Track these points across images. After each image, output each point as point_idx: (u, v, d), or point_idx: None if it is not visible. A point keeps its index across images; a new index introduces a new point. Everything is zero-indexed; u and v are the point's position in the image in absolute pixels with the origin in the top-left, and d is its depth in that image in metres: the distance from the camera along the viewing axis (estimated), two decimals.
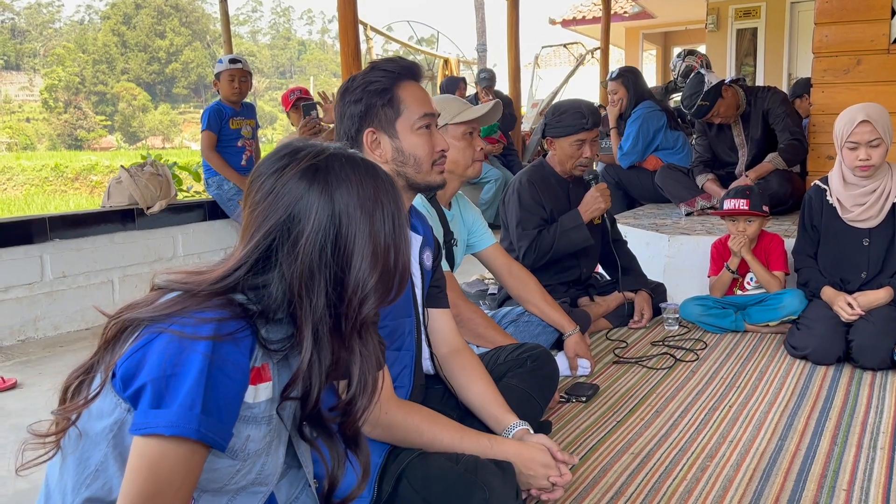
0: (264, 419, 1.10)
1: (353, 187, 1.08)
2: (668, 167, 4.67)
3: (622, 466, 1.99)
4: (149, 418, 0.97)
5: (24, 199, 16.04)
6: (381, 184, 1.12)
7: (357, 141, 1.69)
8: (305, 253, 1.05)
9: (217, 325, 1.00)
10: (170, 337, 0.99)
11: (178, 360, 0.97)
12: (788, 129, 4.07)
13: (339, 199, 1.07)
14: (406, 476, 1.57)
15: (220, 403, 1.00)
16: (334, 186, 1.08)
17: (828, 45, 3.95)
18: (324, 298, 1.06)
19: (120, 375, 1.01)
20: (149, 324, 1.02)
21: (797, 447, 2.07)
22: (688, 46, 8.93)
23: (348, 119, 1.68)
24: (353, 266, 1.07)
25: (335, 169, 1.09)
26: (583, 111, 3.00)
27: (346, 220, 1.07)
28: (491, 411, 1.81)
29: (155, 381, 0.98)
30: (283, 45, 57.15)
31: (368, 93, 1.65)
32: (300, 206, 1.06)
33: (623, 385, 2.61)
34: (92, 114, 42.84)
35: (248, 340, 1.04)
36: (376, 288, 1.09)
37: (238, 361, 1.02)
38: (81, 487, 1.06)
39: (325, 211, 1.06)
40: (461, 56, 14.80)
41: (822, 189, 2.95)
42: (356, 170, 1.11)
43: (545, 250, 3.02)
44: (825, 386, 2.54)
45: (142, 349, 1.00)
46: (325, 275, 1.06)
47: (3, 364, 3.31)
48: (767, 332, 3.11)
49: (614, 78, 5.20)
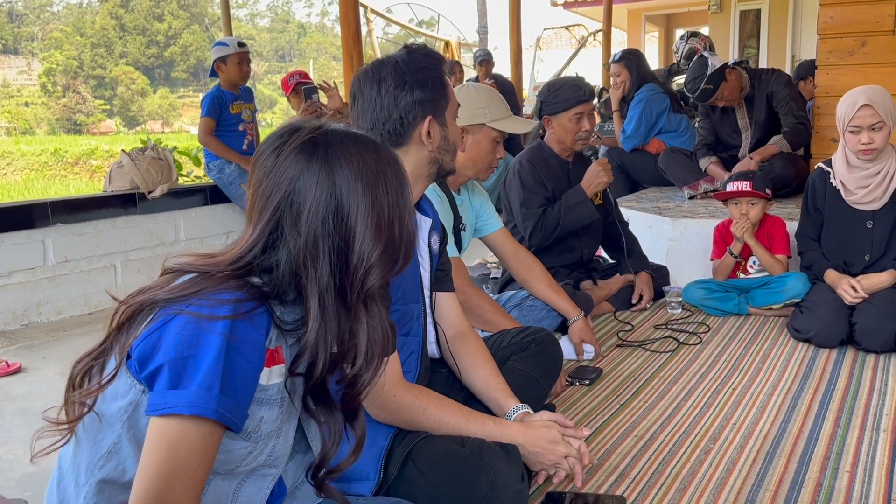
0: (277, 401, 1.11)
1: (354, 160, 1.09)
2: (672, 150, 4.66)
3: (626, 449, 2.00)
4: (167, 399, 0.98)
5: (23, 184, 16.00)
6: (383, 157, 1.13)
7: (411, 126, 1.66)
8: (308, 226, 1.06)
9: (234, 306, 1.01)
10: (187, 318, 0.99)
11: (196, 341, 0.98)
12: (793, 113, 4.05)
13: (339, 172, 1.08)
14: (412, 458, 1.58)
15: (237, 384, 1.01)
16: (334, 160, 1.08)
17: (833, 26, 3.93)
18: (328, 270, 1.07)
19: (136, 357, 1.02)
20: (164, 305, 1.02)
21: (800, 429, 2.08)
22: (690, 28, 8.88)
23: (408, 105, 1.64)
24: (357, 237, 1.08)
25: (334, 143, 1.10)
26: (578, 84, 3.02)
27: (347, 191, 1.08)
28: (493, 395, 1.83)
29: (172, 361, 0.98)
30: (282, 27, 56.79)
31: (432, 81, 1.66)
32: (301, 182, 1.07)
33: (626, 368, 2.61)
34: (91, 98, 42.67)
35: (263, 320, 1.04)
36: (381, 259, 1.09)
37: (255, 342, 1.03)
38: (95, 469, 1.06)
39: (325, 184, 1.07)
40: (462, 39, 14.71)
41: (825, 172, 2.94)
42: (356, 143, 1.12)
43: (551, 228, 3.02)
44: (828, 369, 2.55)
45: (158, 330, 1.00)
46: (328, 246, 1.07)
47: (7, 348, 3.32)
48: (770, 315, 3.12)
49: (617, 60, 5.17)
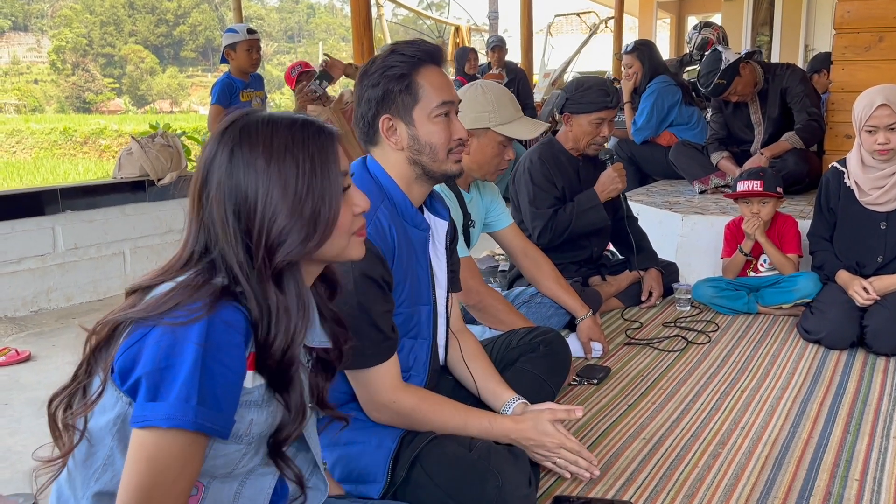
0: (264, 402, 1.11)
1: (259, 139, 1.10)
2: (683, 143, 4.63)
3: (633, 452, 1.99)
4: (146, 411, 0.99)
5: (32, 163, 16.05)
6: (300, 135, 1.12)
7: (373, 126, 1.65)
8: (214, 207, 1.09)
9: (208, 318, 1.01)
10: (163, 329, 1.00)
11: (172, 352, 0.99)
12: (806, 109, 4.00)
13: (240, 152, 1.09)
14: (420, 461, 1.58)
15: (218, 392, 1.01)
16: (237, 141, 1.10)
17: (849, 20, 3.87)
18: (242, 249, 1.07)
19: (118, 370, 1.03)
20: (140, 320, 1.03)
21: (809, 435, 2.07)
22: (703, 15, 8.80)
23: (365, 103, 1.64)
24: (258, 213, 1.08)
25: (248, 125, 1.11)
26: (607, 89, 2.95)
27: (245, 169, 1.09)
28: (489, 386, 1.85)
29: (150, 374, 0.99)
30: (291, 8, 56.51)
31: (386, 78, 1.61)
32: (212, 165, 1.10)
33: (634, 367, 2.60)
34: (100, 76, 42.66)
35: (240, 324, 1.05)
36: (289, 233, 1.09)
37: (232, 347, 1.03)
38: (91, 481, 1.08)
39: (225, 164, 1.09)
40: (472, 23, 14.61)
41: (839, 171, 2.92)
42: (270, 124, 1.12)
43: (561, 230, 3.00)
44: (838, 371, 2.53)
45: (138, 343, 1.02)
46: (234, 226, 1.08)
47: (17, 335, 3.34)
48: (780, 314, 3.10)
49: (629, 51, 5.12)
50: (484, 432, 1.66)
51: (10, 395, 2.67)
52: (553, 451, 1.69)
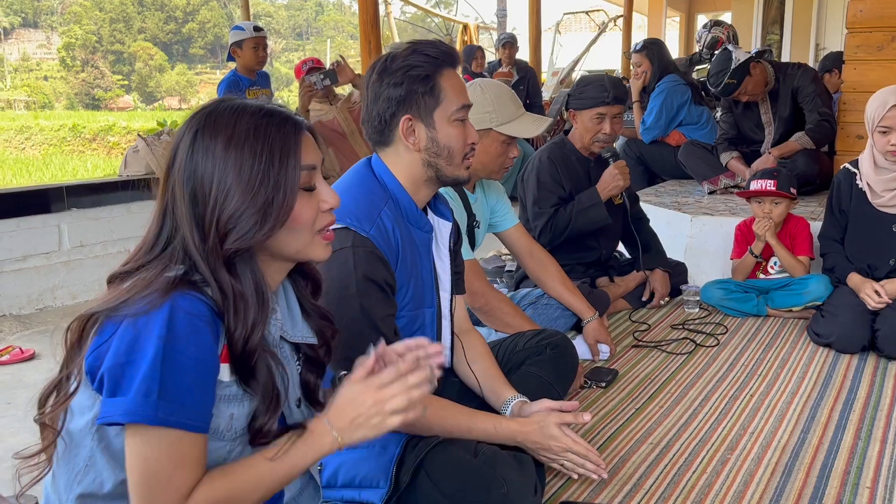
0: (243, 395, 1.09)
1: (221, 125, 1.09)
2: (692, 143, 4.58)
3: (641, 457, 1.97)
4: (106, 407, 0.99)
5: (41, 160, 16.10)
6: (263, 123, 1.11)
7: (390, 125, 1.63)
8: (176, 190, 1.09)
9: (170, 310, 1.00)
10: (127, 323, 1.00)
11: (133, 346, 0.99)
12: (817, 109, 3.96)
13: (201, 136, 1.09)
14: (424, 467, 1.56)
15: (183, 386, 1.00)
16: (202, 124, 1.10)
17: (862, 19, 3.82)
18: (197, 234, 1.07)
19: (87, 369, 1.03)
20: (106, 316, 1.03)
21: (820, 441, 2.04)
22: (713, 14, 8.74)
23: (384, 101, 1.61)
24: (212, 198, 1.07)
25: (214, 111, 1.11)
26: (605, 84, 2.91)
27: (203, 153, 1.08)
28: (492, 387, 1.84)
29: (111, 369, 0.99)
30: (299, 5, 56.55)
31: (410, 78, 1.58)
32: (177, 150, 1.10)
33: (642, 370, 2.58)
34: (109, 73, 42.83)
35: (205, 315, 1.04)
36: (239, 219, 1.07)
37: (198, 338, 1.02)
38: (73, 484, 1.08)
39: (186, 146, 1.09)
40: (480, 21, 14.57)
41: (851, 172, 2.88)
42: (236, 112, 1.11)
43: (561, 229, 2.97)
44: (849, 376, 2.50)
45: (106, 342, 1.01)
46: (190, 209, 1.07)
47: (22, 333, 3.33)
48: (790, 317, 3.06)
49: (638, 50, 5.08)
50: (489, 435, 1.63)
51: (13, 393, 2.66)
52: (559, 454, 1.66)
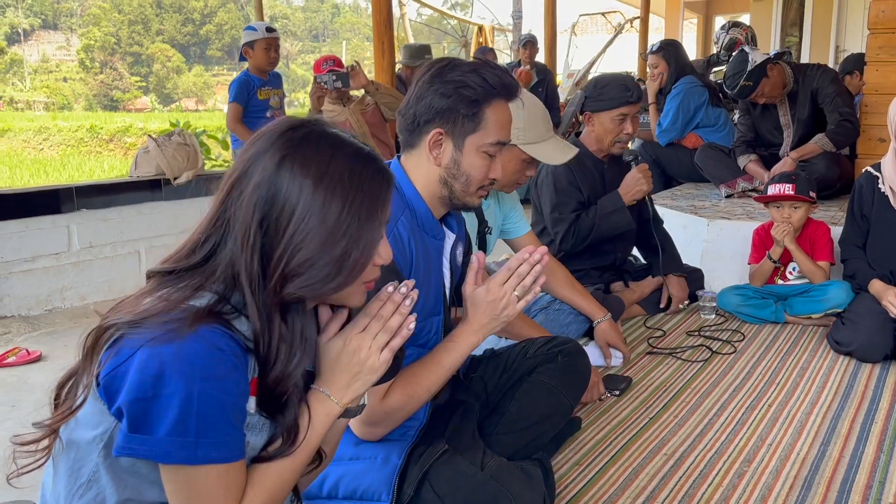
0: (263, 426, 1.06)
1: (315, 157, 1.02)
2: (709, 146, 4.51)
3: (654, 468, 1.91)
4: (129, 442, 0.94)
5: (59, 160, 16.24)
6: (359, 170, 1.04)
7: (422, 130, 1.59)
8: (243, 205, 1.01)
9: (196, 343, 0.94)
10: (149, 353, 0.93)
11: (159, 382, 0.92)
12: (838, 110, 3.86)
13: (290, 162, 1.01)
14: (429, 480, 1.51)
15: (220, 423, 0.96)
16: (293, 148, 1.02)
17: (884, 20, 3.74)
18: (257, 262, 1.00)
19: (103, 386, 0.97)
20: (125, 331, 0.97)
21: (841, 453, 1.97)
22: (731, 15, 8.65)
23: (425, 105, 1.56)
24: (286, 234, 1.00)
25: (308, 138, 1.04)
26: (627, 84, 2.87)
27: (290, 183, 1.00)
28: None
29: (133, 402, 0.93)
30: (316, 7, 56.75)
31: (459, 95, 1.54)
32: (255, 163, 1.02)
33: (657, 378, 2.51)
34: (127, 75, 43.19)
35: (234, 349, 0.98)
36: (311, 267, 1.01)
37: (232, 377, 0.97)
38: (74, 497, 1.04)
39: (270, 169, 1.01)
40: (496, 23, 14.53)
41: (873, 176, 2.80)
42: (332, 146, 1.04)
43: (584, 235, 2.91)
44: (871, 386, 2.42)
45: (124, 363, 0.95)
46: (255, 234, 1.00)
47: (30, 334, 3.31)
48: (809, 324, 2.98)
49: (655, 51, 5.01)
50: (458, 361, 1.52)
51: (18, 395, 2.64)
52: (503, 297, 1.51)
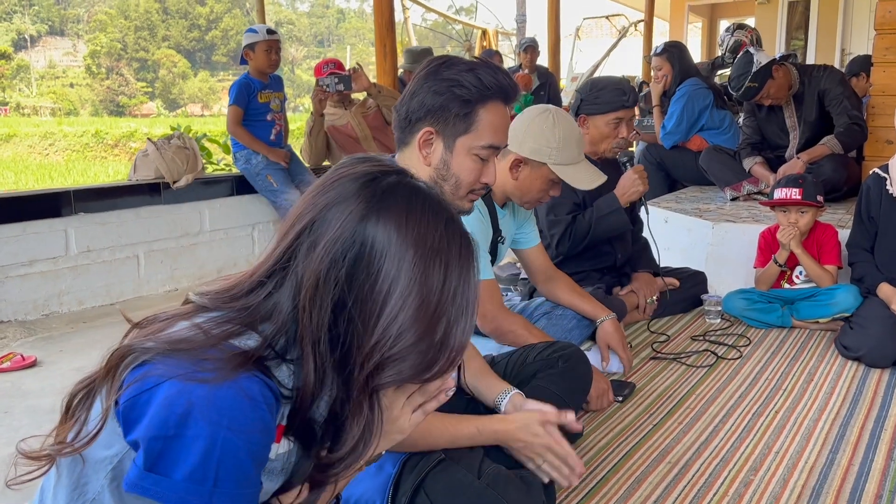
0: (280, 471, 0.99)
1: (410, 217, 0.88)
2: (714, 148, 4.45)
3: (658, 477, 1.86)
4: (146, 482, 0.86)
5: (64, 165, 16.28)
6: (454, 238, 0.91)
7: (413, 128, 1.56)
8: (315, 263, 0.88)
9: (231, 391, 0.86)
10: (179, 389, 0.85)
11: (185, 422, 0.84)
12: (847, 112, 3.80)
13: (381, 218, 0.87)
14: (425, 489, 1.46)
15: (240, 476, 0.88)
16: (383, 203, 0.88)
17: (891, 21, 3.70)
18: (326, 320, 0.89)
19: (122, 410, 0.89)
20: (155, 357, 0.89)
21: (850, 462, 1.92)
22: (735, 19, 8.60)
23: (418, 102, 1.54)
24: (384, 316, 0.87)
25: (399, 189, 0.91)
26: (623, 87, 2.84)
27: (383, 245, 0.87)
28: (485, 381, 1.78)
29: (153, 439, 0.85)
30: (321, 13, 56.89)
31: (452, 94, 1.51)
32: (334, 210, 0.89)
33: (661, 383, 2.46)
34: (133, 80, 43.38)
35: (269, 399, 0.90)
36: (409, 355, 0.88)
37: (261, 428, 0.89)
38: None
39: (355, 220, 0.87)
40: (500, 27, 14.50)
41: (881, 178, 2.75)
42: (425, 205, 0.90)
43: (581, 237, 2.87)
44: (880, 392, 2.37)
45: (148, 392, 0.87)
46: (331, 294, 0.88)
47: (25, 339, 3.27)
48: (816, 329, 2.93)
49: (659, 53, 4.97)
50: (473, 440, 1.56)
51: (10, 402, 2.59)
52: (540, 453, 1.58)
